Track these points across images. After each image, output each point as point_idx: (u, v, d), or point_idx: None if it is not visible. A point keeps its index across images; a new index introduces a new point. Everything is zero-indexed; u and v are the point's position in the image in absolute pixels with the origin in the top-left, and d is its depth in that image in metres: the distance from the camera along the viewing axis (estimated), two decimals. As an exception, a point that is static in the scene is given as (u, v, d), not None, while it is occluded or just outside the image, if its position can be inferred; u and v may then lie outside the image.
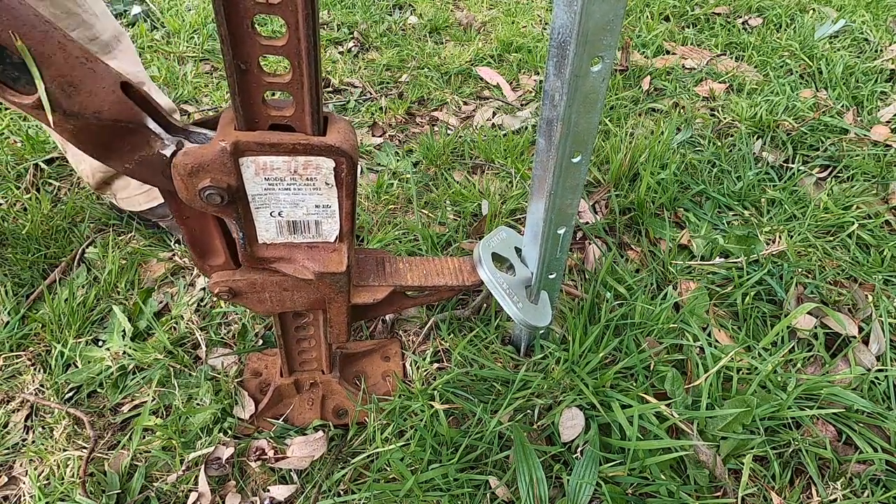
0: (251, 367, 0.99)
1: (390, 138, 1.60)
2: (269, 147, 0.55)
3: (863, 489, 0.84)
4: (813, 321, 1.05)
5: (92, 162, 1.14)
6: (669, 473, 0.84)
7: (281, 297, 0.73)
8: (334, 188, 0.61)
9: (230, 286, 0.69)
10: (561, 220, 0.77)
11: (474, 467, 0.86)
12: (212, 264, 0.70)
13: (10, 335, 1.04)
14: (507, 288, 0.82)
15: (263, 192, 0.60)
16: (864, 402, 0.91)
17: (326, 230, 0.66)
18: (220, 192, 0.57)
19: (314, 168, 0.58)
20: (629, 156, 1.37)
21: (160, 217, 1.22)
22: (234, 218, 0.61)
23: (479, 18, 2.21)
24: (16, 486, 0.87)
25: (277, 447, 0.89)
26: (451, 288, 0.81)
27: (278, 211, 0.62)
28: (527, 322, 0.82)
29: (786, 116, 1.58)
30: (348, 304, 0.74)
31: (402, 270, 0.80)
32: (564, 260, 0.85)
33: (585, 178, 0.73)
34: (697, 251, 1.20)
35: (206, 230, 0.67)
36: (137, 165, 0.57)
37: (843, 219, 1.25)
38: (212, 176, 0.56)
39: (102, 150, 0.55)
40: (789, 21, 2.09)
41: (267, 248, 0.66)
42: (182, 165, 0.55)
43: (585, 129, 0.65)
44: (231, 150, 0.55)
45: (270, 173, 0.58)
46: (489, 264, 0.82)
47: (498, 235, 0.87)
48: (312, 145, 0.56)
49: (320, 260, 0.67)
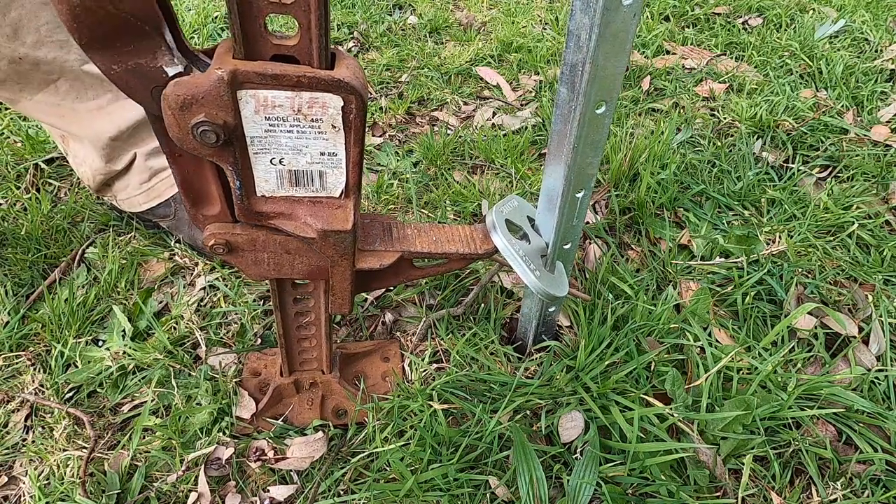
0: (250, 367, 0.99)
1: (390, 138, 1.60)
2: (272, 79, 0.50)
3: (863, 489, 0.84)
4: (813, 321, 1.05)
5: (93, 164, 1.14)
6: (669, 474, 0.84)
7: (280, 261, 0.67)
8: (341, 132, 0.55)
9: (228, 239, 0.64)
10: (580, 182, 0.72)
11: (474, 467, 0.85)
12: (206, 214, 0.64)
13: (10, 335, 1.04)
14: (524, 255, 0.76)
15: (263, 135, 0.55)
16: (865, 402, 0.91)
17: (331, 183, 0.60)
18: (216, 130, 0.51)
19: (320, 107, 0.53)
20: (629, 156, 1.37)
21: (161, 217, 1.22)
22: (230, 164, 0.56)
23: (479, 18, 2.21)
24: (16, 486, 0.87)
25: (277, 447, 0.89)
26: (463, 256, 0.76)
27: (279, 158, 0.57)
28: (545, 291, 0.77)
29: (786, 116, 1.58)
30: (352, 269, 0.68)
31: (410, 236, 0.74)
32: (580, 228, 0.80)
33: (607, 135, 0.69)
34: (697, 251, 1.20)
35: (200, 172, 0.61)
36: (128, 72, 0.50)
37: (843, 219, 1.25)
38: (206, 110, 0.50)
39: (98, 40, 0.48)
40: (789, 21, 2.09)
41: (266, 201, 0.61)
42: (173, 97, 0.50)
43: (612, 74, 0.61)
44: (229, 80, 0.49)
45: (272, 111, 0.53)
46: (504, 230, 0.76)
47: (510, 203, 0.81)
48: (319, 79, 0.50)
49: (324, 217, 0.62)
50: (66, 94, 1.03)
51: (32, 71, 0.97)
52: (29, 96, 1.02)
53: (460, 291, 1.12)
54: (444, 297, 1.11)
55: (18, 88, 1.00)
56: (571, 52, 0.61)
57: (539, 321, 0.96)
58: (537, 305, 0.93)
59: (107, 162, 1.13)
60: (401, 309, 1.11)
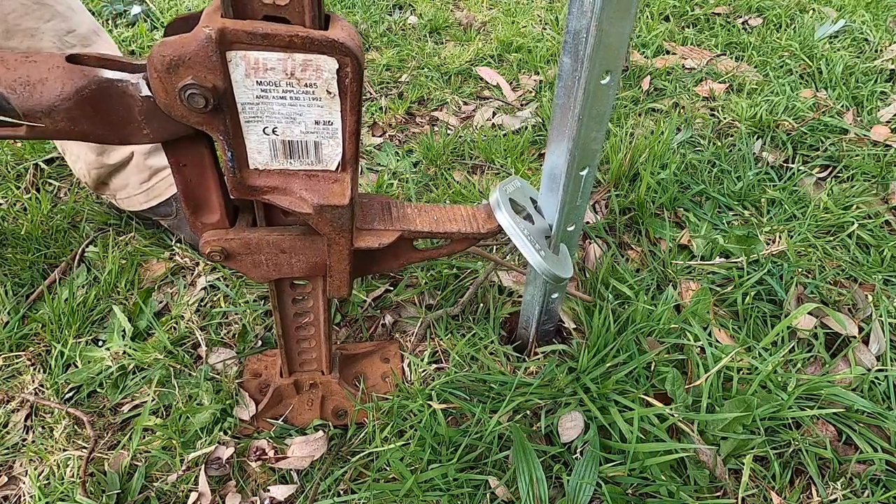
0: (251, 368, 0.99)
1: (390, 138, 1.60)
2: (262, 38, 0.47)
3: (863, 489, 0.84)
4: (813, 321, 1.05)
5: (86, 158, 1.14)
6: (669, 474, 0.84)
7: (277, 261, 0.66)
8: (337, 99, 0.53)
9: (223, 245, 0.64)
10: (585, 159, 0.71)
11: (474, 467, 0.85)
12: (205, 221, 0.64)
13: (10, 335, 1.04)
14: (529, 235, 0.74)
15: (255, 101, 0.52)
16: (865, 402, 0.91)
17: (327, 154, 0.58)
18: (204, 94, 0.49)
19: (314, 70, 0.50)
20: (629, 156, 1.37)
21: (162, 216, 1.22)
22: (220, 132, 0.53)
23: (479, 18, 2.21)
24: (16, 485, 0.87)
25: (277, 447, 0.89)
26: (465, 236, 0.73)
27: (272, 127, 0.55)
28: (550, 272, 0.75)
29: (786, 116, 1.58)
30: (351, 248, 0.66)
31: (410, 215, 0.71)
32: (584, 209, 0.79)
33: (612, 108, 0.67)
34: (697, 251, 1.20)
35: (202, 181, 0.61)
36: (151, 124, 0.52)
37: (843, 219, 1.25)
38: (194, 72, 0.48)
39: (111, 130, 0.51)
40: (789, 21, 2.09)
41: (259, 174, 0.58)
42: (158, 58, 0.47)
43: (617, 41, 0.59)
44: (217, 39, 0.47)
45: (263, 75, 0.50)
46: (509, 208, 0.73)
47: (513, 182, 0.78)
48: (313, 39, 0.48)
49: (320, 191, 0.59)
50: None
51: None
52: None
53: (460, 291, 1.12)
54: (443, 297, 1.11)
55: None
56: (575, 18, 0.60)
57: (542, 309, 0.94)
58: (540, 292, 0.91)
59: (98, 154, 1.13)
60: (400, 310, 1.11)
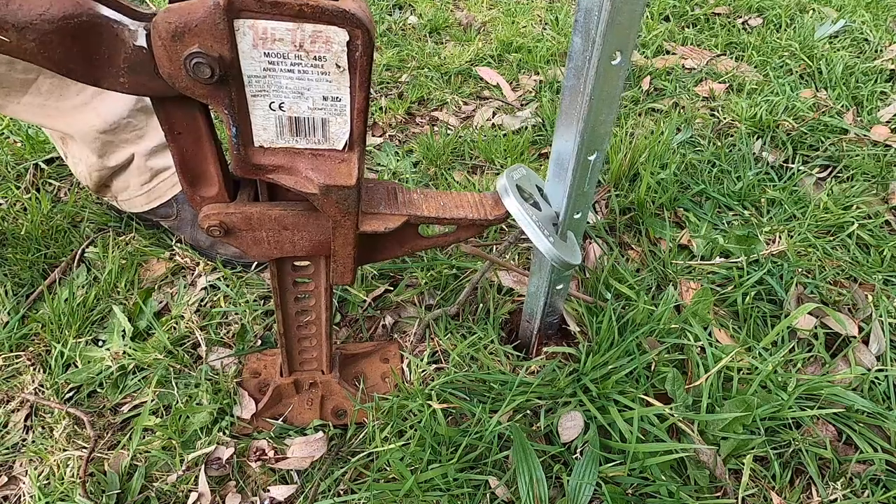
0: (250, 367, 0.99)
1: (390, 138, 1.60)
2: (272, 6, 0.46)
3: (863, 489, 0.84)
4: (813, 321, 1.05)
5: (87, 160, 1.14)
6: (669, 474, 0.84)
7: (279, 238, 0.65)
8: (346, 74, 0.52)
9: (222, 220, 0.62)
10: (594, 143, 0.70)
11: (474, 467, 0.85)
12: (203, 195, 0.62)
13: (10, 335, 1.04)
14: (538, 221, 0.73)
15: (262, 74, 0.51)
16: (865, 402, 0.91)
17: (335, 133, 0.57)
18: (210, 63, 0.48)
19: (324, 42, 0.49)
20: (629, 156, 1.37)
21: (162, 217, 1.22)
22: (225, 106, 0.52)
23: (479, 18, 2.21)
24: (16, 485, 0.87)
25: (277, 447, 0.89)
26: (472, 222, 0.72)
27: (279, 102, 0.53)
28: (560, 258, 0.74)
29: (786, 116, 1.58)
30: (356, 232, 0.65)
31: (416, 201, 0.70)
32: (591, 196, 0.78)
33: (622, 91, 0.66)
34: (697, 251, 1.20)
35: (198, 150, 0.59)
36: (131, 75, 0.49)
37: (843, 219, 1.25)
38: (200, 41, 0.47)
39: (84, 66, 0.48)
40: (789, 21, 2.09)
41: (264, 152, 0.57)
42: (164, 25, 0.46)
43: (628, 20, 0.58)
44: (225, 6, 0.46)
45: (271, 46, 0.49)
46: (517, 194, 0.72)
47: (519, 170, 0.78)
48: (323, 9, 0.47)
49: (326, 171, 0.58)
50: (48, 93, 1.04)
51: (9, 72, 0.98)
52: (16, 100, 1.02)
53: (459, 292, 1.12)
54: (443, 297, 1.11)
55: (4, 93, 1.01)
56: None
57: (546, 301, 0.93)
58: (545, 282, 0.89)
59: (99, 157, 1.13)
60: (400, 310, 1.11)
